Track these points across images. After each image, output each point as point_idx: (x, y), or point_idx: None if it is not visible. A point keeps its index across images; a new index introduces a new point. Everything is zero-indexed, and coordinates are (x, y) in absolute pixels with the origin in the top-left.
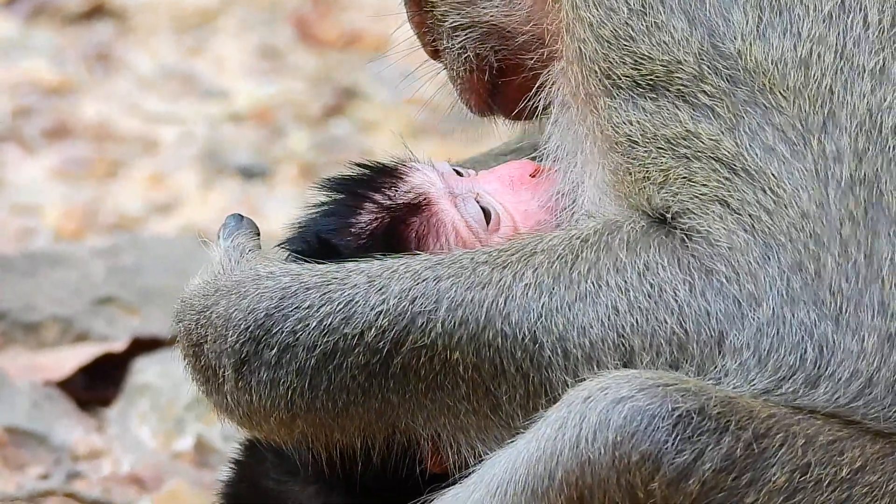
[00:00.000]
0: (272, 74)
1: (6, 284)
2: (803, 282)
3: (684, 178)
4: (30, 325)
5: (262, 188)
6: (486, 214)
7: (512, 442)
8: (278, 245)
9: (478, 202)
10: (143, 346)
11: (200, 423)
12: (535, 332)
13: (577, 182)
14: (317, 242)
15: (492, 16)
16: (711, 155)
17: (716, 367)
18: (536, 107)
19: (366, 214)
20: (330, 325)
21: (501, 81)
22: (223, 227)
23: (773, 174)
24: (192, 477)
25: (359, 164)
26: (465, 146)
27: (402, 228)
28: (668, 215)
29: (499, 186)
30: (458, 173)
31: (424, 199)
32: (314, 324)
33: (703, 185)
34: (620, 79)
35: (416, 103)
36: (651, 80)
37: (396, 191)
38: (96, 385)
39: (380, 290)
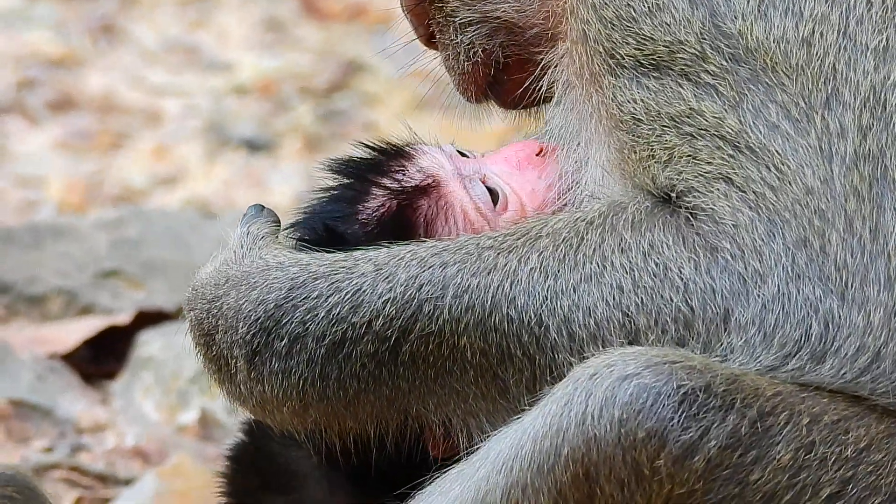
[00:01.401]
0: (276, 47)
1: (10, 257)
2: (808, 258)
3: (689, 156)
4: (34, 297)
5: (267, 161)
6: (493, 195)
7: (518, 419)
8: (285, 229)
9: (484, 183)
10: (148, 318)
11: (204, 397)
12: (540, 314)
13: (582, 161)
14: (324, 230)
15: (503, 11)
16: (715, 133)
17: (721, 344)
18: (535, 95)
19: (373, 199)
20: (338, 314)
21: (505, 77)
22: (242, 216)
23: (776, 151)
24: (195, 450)
25: (365, 146)
26: (469, 122)
27: (410, 212)
28: (673, 194)
29: (504, 167)
30: (463, 155)
31: (434, 181)
32: (323, 314)
33: (708, 162)
34: (624, 58)
35: (421, 77)
36: (654, 59)
37: (405, 174)
38: (100, 358)
39: (387, 278)
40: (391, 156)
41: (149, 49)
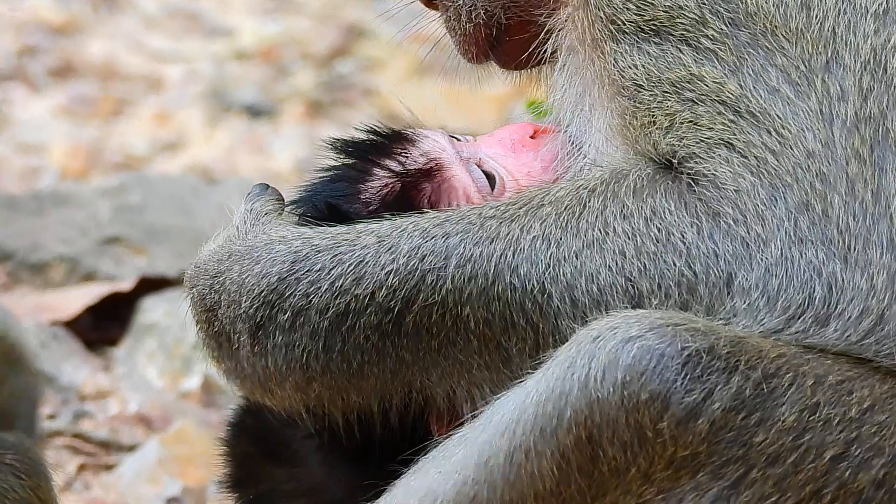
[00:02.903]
0: (277, 12)
1: (12, 224)
2: (811, 221)
3: (690, 121)
4: (36, 265)
5: (268, 126)
6: (490, 179)
7: (521, 382)
8: (288, 206)
9: (480, 167)
10: (150, 285)
11: (207, 363)
12: (543, 282)
13: (584, 127)
14: (326, 208)
15: None
16: (716, 98)
17: (725, 308)
18: (536, 57)
19: (377, 180)
20: (341, 286)
21: (507, 38)
22: (247, 194)
23: (777, 115)
24: (199, 416)
25: (368, 129)
26: (470, 84)
27: (413, 195)
28: (675, 160)
29: (499, 150)
30: (456, 139)
31: (436, 164)
32: (326, 286)
33: (709, 128)
34: (625, 24)
35: (422, 41)
36: (654, 24)
37: (408, 157)
38: (103, 325)
39: (389, 249)
40: (394, 138)
41: (150, 15)
